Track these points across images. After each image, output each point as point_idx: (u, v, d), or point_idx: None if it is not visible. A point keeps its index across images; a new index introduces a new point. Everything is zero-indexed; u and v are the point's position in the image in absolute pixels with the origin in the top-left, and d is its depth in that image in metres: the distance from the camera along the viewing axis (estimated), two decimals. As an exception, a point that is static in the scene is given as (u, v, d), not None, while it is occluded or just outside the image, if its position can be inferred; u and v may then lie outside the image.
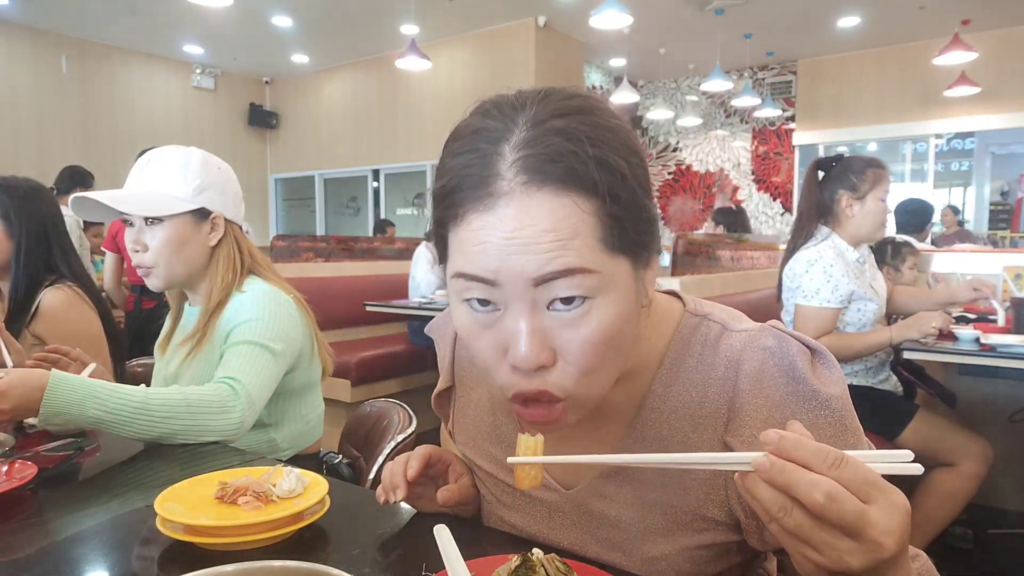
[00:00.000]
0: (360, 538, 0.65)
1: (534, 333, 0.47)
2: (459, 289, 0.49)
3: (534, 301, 0.47)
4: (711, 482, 0.57)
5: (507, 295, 0.47)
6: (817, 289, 1.81)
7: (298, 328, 1.16)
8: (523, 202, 0.46)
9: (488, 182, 0.47)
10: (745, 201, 8.23)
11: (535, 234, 0.45)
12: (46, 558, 0.61)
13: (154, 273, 1.13)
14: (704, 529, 0.57)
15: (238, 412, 0.97)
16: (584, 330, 0.47)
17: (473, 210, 0.47)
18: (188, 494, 0.67)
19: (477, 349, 0.51)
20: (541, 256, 0.45)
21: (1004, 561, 2.11)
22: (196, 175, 1.14)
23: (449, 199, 0.49)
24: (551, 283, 0.46)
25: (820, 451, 0.39)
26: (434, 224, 0.52)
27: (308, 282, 3.31)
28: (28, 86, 7.13)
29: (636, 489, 0.59)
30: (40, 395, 0.85)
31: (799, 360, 0.54)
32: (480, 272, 0.47)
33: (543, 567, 0.49)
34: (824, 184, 1.94)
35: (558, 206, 0.46)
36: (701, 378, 0.57)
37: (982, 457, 1.77)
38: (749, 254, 3.09)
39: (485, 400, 0.70)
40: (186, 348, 1.14)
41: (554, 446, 0.62)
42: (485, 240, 0.46)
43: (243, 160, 9.15)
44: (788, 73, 7.99)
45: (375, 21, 6.99)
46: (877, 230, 1.92)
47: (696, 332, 0.59)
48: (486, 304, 0.48)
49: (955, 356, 1.73)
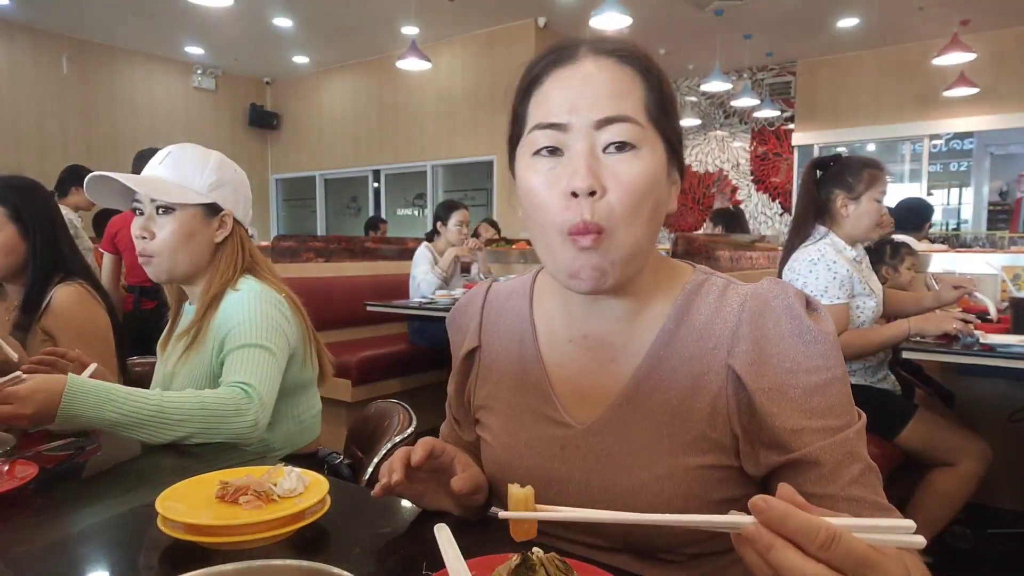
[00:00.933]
0: (361, 537, 0.65)
1: (590, 165, 0.58)
2: (530, 144, 0.62)
3: (592, 144, 0.59)
4: (714, 404, 0.63)
5: (573, 138, 0.59)
6: (825, 287, 1.80)
7: (291, 328, 1.17)
8: (594, 61, 0.61)
9: (566, 53, 0.62)
10: (744, 202, 8.23)
11: (601, 82, 0.60)
12: (47, 557, 0.62)
13: (156, 263, 1.14)
14: (707, 450, 0.63)
15: (252, 414, 0.98)
16: (629, 171, 0.59)
17: (553, 68, 0.62)
18: (189, 493, 0.67)
19: (542, 195, 0.60)
20: (604, 102, 0.59)
21: (1003, 561, 2.11)
22: (213, 171, 1.17)
23: (531, 73, 0.64)
24: (609, 126, 0.59)
25: (810, 528, 0.36)
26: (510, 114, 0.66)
27: (309, 282, 3.32)
28: (29, 86, 7.14)
29: (645, 416, 0.65)
30: (59, 400, 0.86)
31: (796, 301, 0.62)
32: (554, 118, 0.60)
33: (543, 566, 0.49)
34: (821, 184, 1.94)
35: (618, 70, 0.61)
36: (707, 318, 0.65)
37: (981, 457, 1.77)
38: (748, 254, 3.09)
39: (515, 353, 0.74)
40: (182, 345, 1.15)
41: (574, 379, 0.69)
42: (562, 88, 0.61)
43: (244, 160, 9.03)
44: (787, 74, 7.99)
45: (376, 22, 7.00)
46: (872, 230, 1.92)
47: (704, 284, 0.68)
48: (554, 152, 0.60)
49: (954, 356, 1.73)
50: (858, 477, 0.58)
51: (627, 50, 0.62)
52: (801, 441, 0.59)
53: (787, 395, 0.59)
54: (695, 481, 0.62)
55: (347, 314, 3.48)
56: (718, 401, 0.63)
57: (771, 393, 0.60)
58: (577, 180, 0.58)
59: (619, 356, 0.67)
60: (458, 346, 0.81)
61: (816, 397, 0.59)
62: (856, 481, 0.58)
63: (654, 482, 0.63)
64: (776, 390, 0.60)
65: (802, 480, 0.59)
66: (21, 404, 0.84)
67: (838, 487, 0.58)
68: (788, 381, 0.60)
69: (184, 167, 1.16)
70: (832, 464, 0.58)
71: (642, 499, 0.63)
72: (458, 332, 0.82)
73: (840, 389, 0.60)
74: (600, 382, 0.68)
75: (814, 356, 0.60)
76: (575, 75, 0.61)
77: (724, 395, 0.62)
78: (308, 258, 3.54)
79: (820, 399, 0.59)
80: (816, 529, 0.36)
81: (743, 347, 0.61)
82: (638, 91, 0.61)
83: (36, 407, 0.85)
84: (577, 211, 0.58)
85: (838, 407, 0.60)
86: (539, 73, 0.63)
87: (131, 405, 0.89)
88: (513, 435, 0.72)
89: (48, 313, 1.40)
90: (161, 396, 0.92)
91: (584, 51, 0.62)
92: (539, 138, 0.61)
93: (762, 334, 0.61)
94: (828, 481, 0.58)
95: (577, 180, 0.58)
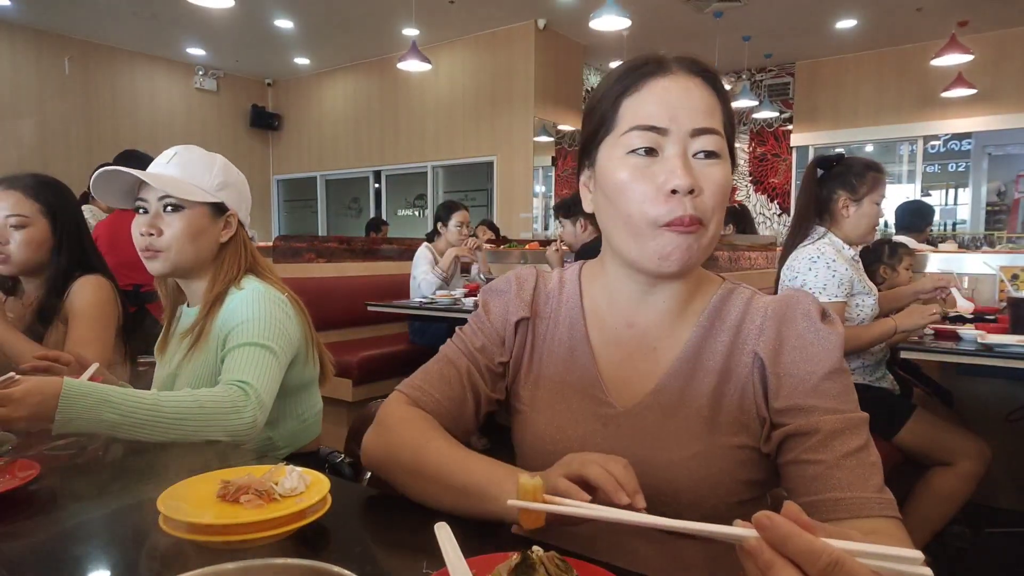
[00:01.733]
0: (362, 536, 0.66)
1: (688, 167, 0.65)
2: (625, 144, 0.68)
3: (686, 149, 0.66)
4: (743, 389, 0.70)
5: (670, 141, 0.66)
6: (824, 285, 1.80)
7: (294, 327, 1.17)
8: (688, 77, 0.68)
9: (662, 66, 0.69)
10: (743, 202, 8.23)
11: (697, 97, 0.67)
12: (48, 557, 0.62)
13: (163, 257, 1.14)
14: (738, 431, 0.69)
15: (249, 413, 0.97)
16: (717, 175, 0.67)
17: (653, 78, 0.68)
18: (190, 492, 0.67)
19: (636, 190, 0.67)
20: (700, 114, 0.67)
21: (1001, 560, 2.12)
22: (220, 172, 1.19)
23: (626, 78, 0.69)
24: (702, 136, 0.66)
25: (812, 552, 0.36)
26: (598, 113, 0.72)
27: (310, 282, 3.32)
28: (31, 87, 7.14)
29: (683, 401, 0.71)
30: (55, 403, 0.84)
31: (813, 307, 0.70)
32: (655, 121, 0.66)
33: (543, 565, 0.49)
34: (822, 182, 1.94)
35: (707, 88, 0.69)
36: (738, 317, 0.73)
37: (979, 457, 1.77)
38: (748, 254, 3.10)
39: (565, 335, 0.79)
40: (185, 345, 1.15)
41: (618, 364, 0.75)
42: (661, 96, 0.67)
43: (245, 161, 9.14)
44: (786, 75, 8.00)
45: (376, 23, 7.00)
46: (869, 233, 1.93)
47: (734, 292, 0.76)
48: (651, 152, 0.67)
49: (953, 356, 1.73)
50: (854, 452, 0.62)
51: (712, 73, 0.70)
52: (808, 415, 0.65)
53: (798, 378, 0.67)
54: (726, 459, 0.69)
55: (348, 314, 3.49)
56: (747, 386, 0.70)
57: (786, 378, 0.67)
58: (678, 179, 0.64)
59: (660, 346, 0.74)
60: (499, 309, 0.82)
61: (826, 383, 0.66)
62: (852, 455, 0.62)
63: (690, 459, 0.68)
64: (791, 375, 0.67)
65: (801, 448, 0.64)
66: (15, 407, 0.83)
67: (831, 456, 0.63)
68: (802, 368, 0.67)
69: (193, 167, 1.17)
70: (828, 432, 0.63)
71: (677, 473, 0.68)
72: (500, 296, 0.83)
73: (847, 382, 0.68)
74: (642, 368, 0.74)
75: (825, 351, 0.67)
76: (675, 86, 0.68)
77: (751, 380, 0.70)
78: (309, 258, 3.55)
79: (830, 385, 0.66)
80: (819, 553, 0.36)
81: (767, 336, 0.70)
82: (719, 109, 0.69)
83: (30, 410, 0.84)
84: (679, 206, 0.65)
85: (845, 395, 0.66)
86: (635, 80, 0.69)
87: (128, 406, 0.88)
88: (557, 410, 0.76)
89: (68, 300, 1.44)
90: (157, 396, 0.92)
91: (676, 66, 0.69)
92: (636, 138, 0.67)
93: (784, 328, 0.70)
94: (824, 448, 0.63)
95: (678, 179, 0.64)
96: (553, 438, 0.75)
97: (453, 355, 0.82)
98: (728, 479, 0.68)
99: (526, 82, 6.92)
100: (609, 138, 0.70)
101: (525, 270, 0.85)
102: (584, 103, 7.06)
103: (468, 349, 0.82)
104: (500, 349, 0.81)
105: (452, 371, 0.81)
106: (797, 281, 1.85)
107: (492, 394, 0.81)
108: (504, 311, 0.82)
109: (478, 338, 0.82)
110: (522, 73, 6.86)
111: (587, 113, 0.75)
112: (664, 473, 0.68)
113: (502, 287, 0.85)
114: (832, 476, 0.62)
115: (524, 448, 0.78)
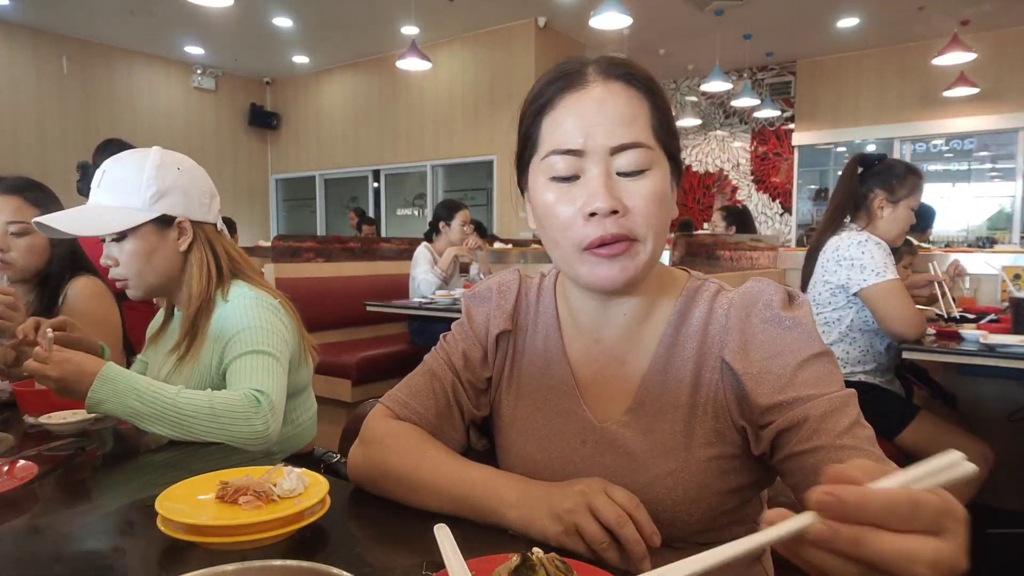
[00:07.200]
0: (361, 538, 0.65)
1: (609, 187, 0.62)
2: (547, 169, 0.65)
3: (608, 168, 0.63)
4: (715, 398, 0.67)
5: (588, 163, 0.63)
6: (884, 263, 1.77)
7: (290, 332, 1.16)
8: (603, 85, 0.64)
9: (576, 77, 0.65)
10: (744, 201, 8.23)
11: (612, 109, 0.63)
12: (46, 558, 0.61)
13: (131, 284, 1.13)
14: (715, 442, 0.67)
15: (261, 421, 0.98)
16: (643, 189, 0.63)
17: (567, 93, 0.65)
18: (189, 493, 0.67)
19: (559, 215, 0.64)
20: (619, 128, 0.63)
21: (1004, 561, 2.11)
22: (151, 182, 1.09)
23: (542, 96, 0.66)
24: (623, 152, 0.63)
25: (892, 504, 0.32)
26: (521, 133, 0.69)
27: (309, 282, 3.32)
28: (29, 86, 7.14)
29: (657, 415, 0.69)
30: (90, 380, 0.90)
31: (775, 297, 0.67)
32: (570, 144, 0.63)
33: (543, 566, 0.49)
34: (862, 180, 1.94)
35: (626, 93, 0.64)
36: (703, 320, 0.70)
37: (981, 459, 1.76)
38: (749, 253, 3.09)
39: (541, 347, 0.77)
40: (173, 359, 1.14)
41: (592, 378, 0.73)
42: (576, 115, 0.64)
43: (244, 161, 9.14)
44: (787, 74, 7.99)
45: (375, 22, 7.00)
46: (899, 237, 1.93)
47: (700, 290, 0.72)
48: (570, 178, 0.64)
49: (955, 356, 1.73)
50: (848, 428, 0.60)
51: (632, 72, 0.65)
52: (791, 407, 0.62)
53: (773, 374, 0.64)
54: (706, 472, 0.67)
55: (347, 314, 3.48)
56: (717, 394, 0.67)
57: (758, 376, 0.64)
58: (597, 202, 0.62)
59: (629, 359, 0.72)
60: (482, 318, 0.80)
61: (801, 372, 0.63)
62: (846, 432, 0.60)
63: (669, 475, 0.67)
64: (762, 373, 0.64)
65: (795, 441, 0.61)
66: (52, 366, 0.89)
67: (827, 438, 0.60)
68: (772, 363, 0.64)
69: (119, 188, 1.09)
70: (819, 416, 0.60)
71: (659, 491, 0.67)
72: (482, 305, 0.81)
73: (824, 365, 0.64)
74: (614, 384, 0.72)
75: (792, 340, 0.64)
76: (587, 100, 0.64)
77: (721, 387, 0.67)
78: (308, 258, 3.54)
79: (807, 374, 0.63)
80: (896, 502, 0.32)
81: (731, 338, 0.67)
82: (645, 113, 0.65)
83: (62, 374, 0.89)
84: (598, 227, 0.62)
85: (825, 378, 0.63)
86: (550, 97, 0.66)
87: (151, 395, 0.92)
88: (538, 426, 0.75)
89: (66, 304, 1.45)
90: (177, 391, 0.94)
91: (592, 74, 0.65)
92: (556, 163, 0.65)
93: (746, 326, 0.67)
94: (817, 433, 0.60)
95: (597, 202, 0.62)
96: (533, 458, 0.74)
97: (437, 367, 0.79)
98: (708, 492, 0.67)
99: (526, 81, 6.89)
100: (535, 159, 0.68)
101: (508, 276, 0.83)
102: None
103: (451, 362, 0.79)
104: (484, 363, 0.79)
105: (437, 384, 0.78)
106: (855, 265, 1.80)
107: (476, 411, 0.80)
108: (486, 321, 0.80)
109: (462, 349, 0.79)
110: (522, 72, 6.85)
111: (518, 131, 0.71)
112: (647, 492, 0.66)
113: (484, 294, 0.82)
114: (832, 458, 0.59)
115: (506, 467, 0.76)
